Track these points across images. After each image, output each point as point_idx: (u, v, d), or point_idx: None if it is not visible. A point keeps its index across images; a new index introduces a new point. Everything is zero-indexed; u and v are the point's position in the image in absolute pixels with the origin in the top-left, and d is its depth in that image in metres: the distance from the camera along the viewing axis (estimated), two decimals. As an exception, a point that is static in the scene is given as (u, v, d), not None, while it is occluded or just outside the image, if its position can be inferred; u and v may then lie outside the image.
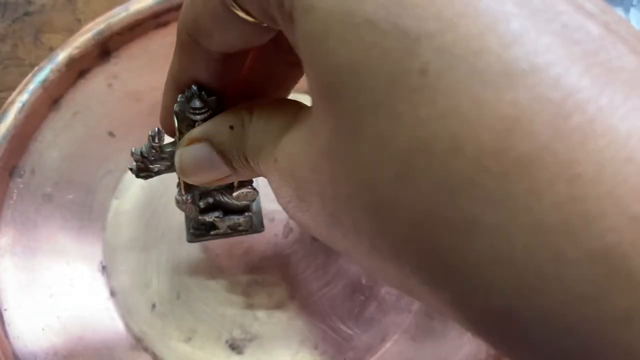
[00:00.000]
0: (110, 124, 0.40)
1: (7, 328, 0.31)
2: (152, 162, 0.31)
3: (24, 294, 0.33)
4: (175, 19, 0.39)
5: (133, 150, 0.30)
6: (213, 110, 0.27)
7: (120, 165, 0.40)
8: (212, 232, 0.35)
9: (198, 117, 0.28)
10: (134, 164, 0.31)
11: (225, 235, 0.35)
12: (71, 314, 0.34)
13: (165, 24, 0.40)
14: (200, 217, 0.34)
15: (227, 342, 0.35)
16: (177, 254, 0.38)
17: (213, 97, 0.27)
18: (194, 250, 0.38)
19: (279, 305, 0.36)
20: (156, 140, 0.29)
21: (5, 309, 0.32)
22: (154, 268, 0.37)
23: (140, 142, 0.40)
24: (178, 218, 0.35)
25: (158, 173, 0.32)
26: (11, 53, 0.46)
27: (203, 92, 0.27)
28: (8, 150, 0.35)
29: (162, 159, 0.31)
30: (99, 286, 0.36)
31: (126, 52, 0.40)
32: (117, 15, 0.38)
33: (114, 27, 0.38)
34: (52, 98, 0.37)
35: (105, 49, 0.38)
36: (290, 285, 0.37)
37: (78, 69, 0.38)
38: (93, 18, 0.41)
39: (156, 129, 0.29)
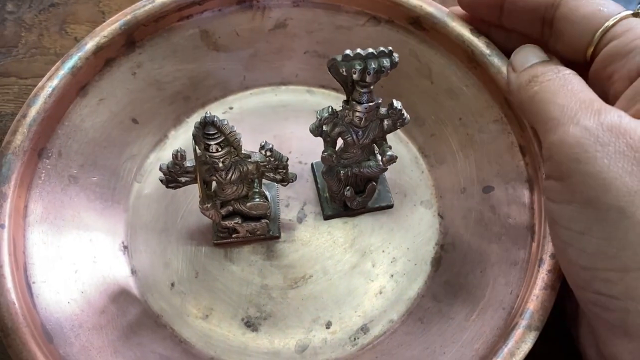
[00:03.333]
0: (134, 111, 0.41)
1: (36, 300, 0.33)
2: (178, 175, 0.34)
3: (50, 269, 0.35)
4: (198, 13, 0.41)
5: (160, 166, 0.34)
6: (225, 136, 0.30)
7: (142, 150, 0.42)
8: (233, 236, 0.38)
9: (212, 142, 0.30)
10: (164, 176, 0.34)
11: (245, 238, 0.38)
12: (94, 290, 0.36)
13: (188, 17, 0.42)
14: (222, 222, 0.37)
15: (242, 319, 0.37)
16: (196, 236, 0.39)
17: (226, 123, 0.30)
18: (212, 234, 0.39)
19: (292, 286, 0.38)
20: (178, 158, 0.33)
21: (33, 282, 0.33)
22: (173, 249, 0.39)
23: (162, 130, 0.42)
24: (196, 204, 0.37)
25: (185, 184, 0.35)
26: (37, 42, 0.47)
27: (216, 119, 0.29)
28: (37, 133, 0.36)
29: (187, 172, 0.34)
30: (120, 264, 0.38)
31: (150, 43, 0.41)
32: (143, 7, 0.40)
33: (140, 18, 0.40)
34: (79, 84, 0.39)
35: (131, 39, 0.40)
36: (304, 267, 0.38)
37: (105, 57, 0.40)
38: (116, 11, 0.43)
39: (177, 149, 0.32)
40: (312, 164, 0.42)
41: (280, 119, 0.44)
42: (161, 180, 0.35)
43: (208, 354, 0.36)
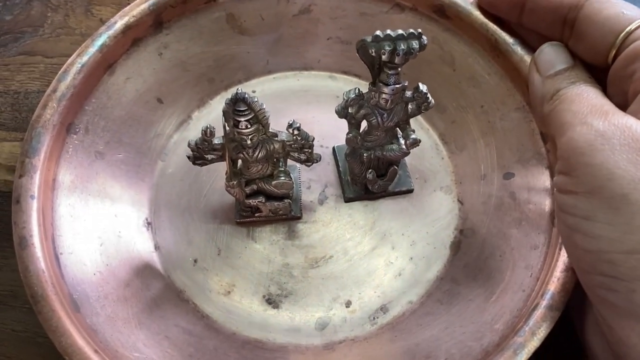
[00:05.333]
0: (159, 90, 0.42)
1: (64, 270, 0.33)
2: (205, 152, 0.35)
3: (77, 241, 0.35)
4: (225, -4, 0.42)
5: (189, 142, 0.34)
6: (255, 113, 0.31)
7: (166, 130, 0.42)
8: (256, 215, 0.39)
9: (242, 118, 0.31)
10: (191, 153, 0.35)
11: (267, 217, 0.39)
12: (119, 263, 0.36)
13: (215, 0, 0.42)
14: (246, 201, 0.37)
15: (264, 296, 0.37)
16: (219, 215, 0.40)
17: (256, 100, 0.31)
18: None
19: (313, 265, 0.38)
20: (207, 135, 0.33)
21: (61, 253, 0.34)
22: (196, 226, 0.39)
23: (186, 110, 0.42)
24: (220, 182, 0.38)
25: (212, 162, 0.36)
26: (63, 22, 0.48)
27: (247, 96, 0.30)
28: (66, 107, 0.37)
29: (214, 149, 0.35)
30: (144, 240, 0.39)
31: (177, 24, 0.42)
32: (171, -12, 0.40)
33: (168, -1, 0.40)
34: (107, 62, 0.39)
35: (158, 19, 0.41)
36: (325, 247, 0.39)
37: (133, 37, 0.40)
38: (142, -7, 0.43)
39: (207, 125, 0.33)
40: (333, 148, 0.42)
41: (302, 103, 0.44)
42: (188, 157, 0.35)
43: (230, 329, 0.36)
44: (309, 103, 0.44)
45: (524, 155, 0.38)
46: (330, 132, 0.42)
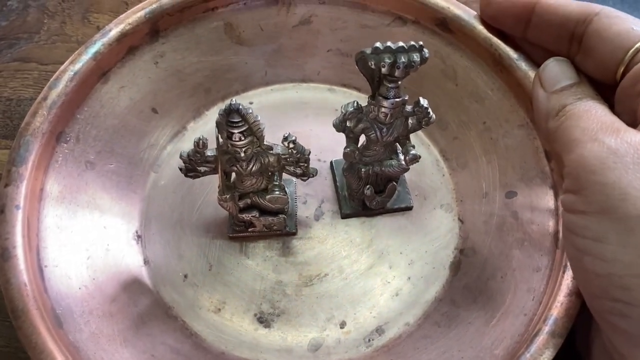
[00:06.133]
0: (154, 100, 0.41)
1: (47, 284, 0.32)
2: (198, 164, 0.33)
3: (63, 254, 0.34)
4: (223, 5, 0.41)
5: (181, 153, 0.33)
6: (249, 125, 0.30)
7: (160, 140, 0.41)
8: (250, 230, 0.38)
9: (235, 130, 0.30)
10: (183, 164, 0.34)
11: (260, 233, 0.38)
12: (106, 277, 0.35)
13: (213, 9, 0.41)
14: (239, 215, 0.36)
15: (255, 315, 0.36)
16: (211, 229, 0.39)
17: (251, 111, 0.30)
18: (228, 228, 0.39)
19: (307, 283, 0.37)
20: (200, 146, 0.32)
21: (45, 266, 0.33)
22: (187, 241, 0.38)
23: (181, 121, 0.42)
24: (213, 195, 0.37)
25: (204, 174, 0.34)
26: (59, 30, 0.47)
27: (241, 107, 0.29)
28: (57, 116, 0.36)
29: (207, 162, 0.33)
30: (133, 254, 0.37)
31: (174, 33, 0.41)
32: (169, -3, 0.40)
33: (165, 7, 0.40)
34: (101, 70, 0.39)
35: (155, 27, 0.40)
36: (320, 264, 0.38)
37: (128, 45, 0.39)
38: (140, 0, 0.43)
39: (200, 137, 0.32)
40: (331, 162, 0.41)
41: (301, 116, 0.43)
42: (180, 169, 0.34)
43: (219, 348, 0.35)
44: (307, 116, 0.43)
45: (527, 174, 0.37)
46: (328, 146, 0.41)
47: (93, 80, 0.38)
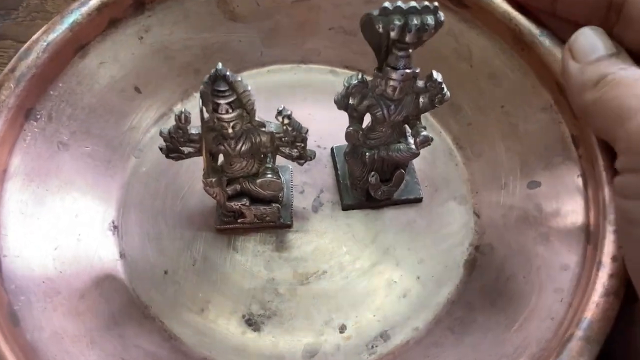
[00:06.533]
0: (138, 79, 0.37)
1: (5, 275, 0.28)
2: (181, 144, 0.29)
3: (26, 243, 0.30)
4: (217, -23, 0.37)
5: (161, 130, 0.29)
6: (238, 95, 0.26)
7: (143, 123, 0.38)
8: (239, 220, 0.34)
9: (222, 101, 0.26)
10: (164, 143, 0.30)
11: (252, 224, 0.34)
12: (75, 271, 0.31)
13: (205, -20, 0.38)
14: (227, 204, 0.32)
15: (243, 316, 0.32)
16: (197, 220, 0.35)
17: (239, 79, 0.26)
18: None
19: (303, 282, 0.33)
20: (182, 121, 0.28)
21: (4, 256, 0.29)
22: (170, 232, 0.34)
23: (167, 103, 0.38)
24: (200, 184, 0.33)
25: (189, 156, 0.30)
26: (40, 6, 0.44)
27: (229, 73, 0.25)
28: (26, 90, 0.32)
29: (191, 141, 0.29)
30: (108, 245, 0.33)
31: (161, 5, 0.38)
32: (157, -35, 0.36)
33: (152, -24, 0.36)
34: (79, 43, 0.35)
35: (140, -2, 0.36)
36: (318, 261, 0.33)
37: (109, 16, 0.36)
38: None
39: (182, 109, 0.28)
40: (332, 148, 0.37)
41: (299, 99, 0.39)
42: (161, 149, 0.30)
43: (201, 354, 0.31)
44: (305, 99, 0.39)
45: (552, 162, 0.33)
46: (329, 131, 0.37)
47: (69, 54, 0.35)
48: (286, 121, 0.29)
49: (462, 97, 0.37)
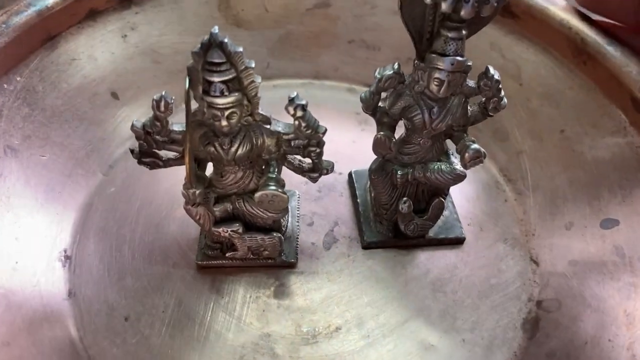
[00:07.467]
0: (116, 82, 0.32)
1: None
2: (158, 144, 0.23)
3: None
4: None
5: (133, 123, 0.23)
6: (238, 72, 0.20)
7: (117, 134, 0.31)
8: (228, 254, 0.27)
9: (216, 78, 0.19)
10: (137, 143, 0.23)
11: (244, 261, 0.27)
12: (4, 309, 0.23)
13: (206, -22, 0.33)
14: (214, 230, 0.25)
15: (227, 383, 0.23)
16: (173, 253, 0.27)
17: (240, 50, 0.20)
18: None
19: (309, 341, 0.24)
20: (161, 109, 0.22)
21: None
22: (137, 268, 0.27)
23: (149, 113, 0.31)
24: (181, 210, 0.25)
25: (167, 164, 0.24)
26: None
27: (226, 41, 0.19)
28: (-28, 78, 0.26)
29: (172, 141, 0.23)
30: (54, 280, 0.26)
31: (153, 3, 0.33)
32: (150, -47, 0.31)
33: (144, -35, 0.31)
34: (48, 32, 0.29)
35: (127, -10, 0.31)
36: (330, 313, 0.25)
37: (88, 7, 0.31)
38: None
39: (162, 92, 0.21)
40: (350, 173, 0.30)
41: (311, 120, 0.33)
42: (132, 151, 0.23)
43: None
44: (319, 119, 0.32)
45: (632, 194, 0.26)
46: (345, 155, 0.31)
47: (34, 43, 0.29)
48: (299, 113, 0.22)
49: (510, 121, 0.31)
